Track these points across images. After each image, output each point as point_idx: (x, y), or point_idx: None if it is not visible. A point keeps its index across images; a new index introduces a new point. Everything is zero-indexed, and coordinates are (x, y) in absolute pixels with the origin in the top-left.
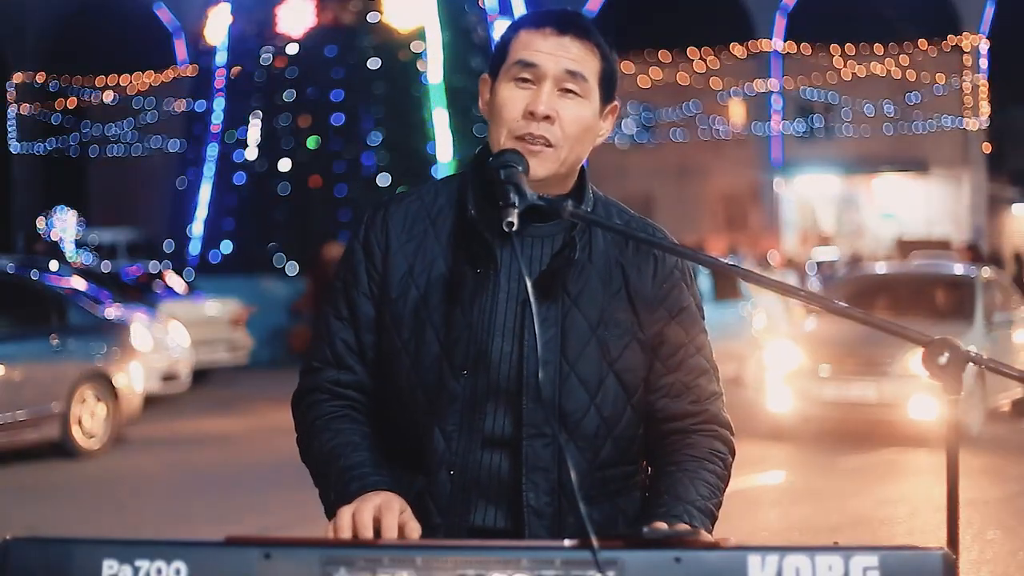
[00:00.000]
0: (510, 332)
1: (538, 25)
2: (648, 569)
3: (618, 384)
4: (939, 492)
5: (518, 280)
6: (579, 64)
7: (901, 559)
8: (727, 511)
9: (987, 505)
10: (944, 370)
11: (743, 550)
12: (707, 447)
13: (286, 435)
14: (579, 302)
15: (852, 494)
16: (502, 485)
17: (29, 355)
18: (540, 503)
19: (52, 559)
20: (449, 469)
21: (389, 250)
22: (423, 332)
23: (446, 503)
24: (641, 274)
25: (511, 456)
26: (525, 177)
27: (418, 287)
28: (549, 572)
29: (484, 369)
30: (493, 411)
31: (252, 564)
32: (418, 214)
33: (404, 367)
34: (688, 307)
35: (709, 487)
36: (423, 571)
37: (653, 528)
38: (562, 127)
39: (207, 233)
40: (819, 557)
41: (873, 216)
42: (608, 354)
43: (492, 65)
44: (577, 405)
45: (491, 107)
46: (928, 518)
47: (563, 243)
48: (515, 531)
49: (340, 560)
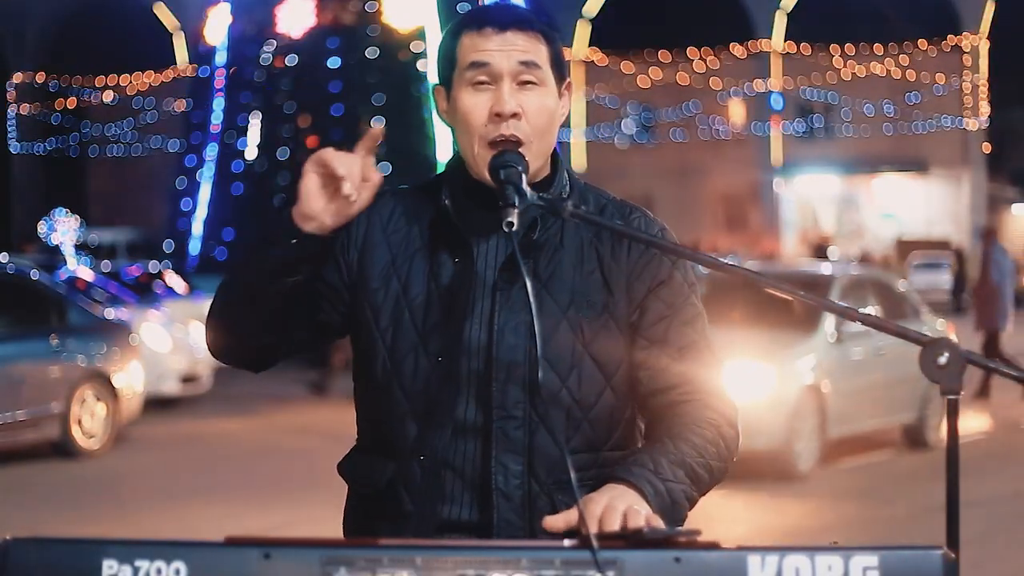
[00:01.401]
0: (483, 318)
1: (478, 27)
2: (648, 569)
3: (594, 365)
4: (939, 492)
5: (494, 268)
6: (529, 54)
7: (901, 559)
8: (727, 511)
9: (987, 505)
10: (943, 370)
11: (743, 550)
12: (697, 414)
13: (286, 434)
14: (549, 285)
15: (852, 494)
16: (473, 470)
17: (29, 355)
18: (509, 487)
19: (52, 559)
20: (420, 455)
21: (372, 238)
22: (400, 320)
23: (418, 490)
24: (615, 251)
25: (482, 442)
26: (525, 177)
27: (399, 278)
28: (549, 572)
29: (457, 356)
30: (465, 397)
31: (252, 564)
32: (403, 210)
33: (380, 355)
34: (670, 280)
35: (691, 445)
36: (423, 571)
37: (654, 528)
38: (529, 120)
39: (207, 233)
40: (819, 557)
41: (873, 216)
42: (582, 336)
43: (442, 74)
44: (548, 388)
45: (453, 116)
46: (928, 518)
47: (527, 225)
48: (485, 519)
49: (340, 560)
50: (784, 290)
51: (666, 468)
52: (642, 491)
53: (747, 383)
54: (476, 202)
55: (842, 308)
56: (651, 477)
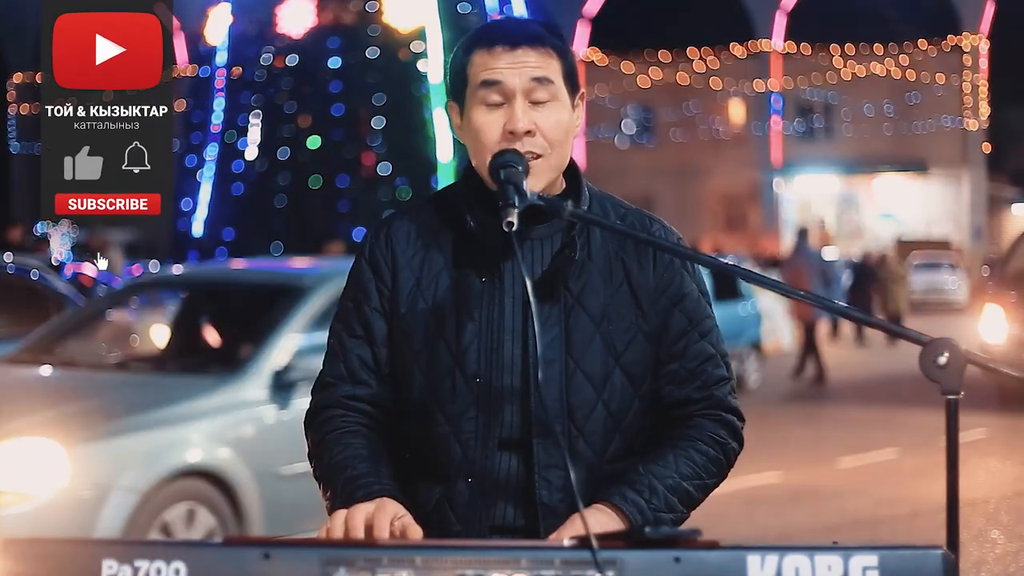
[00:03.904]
0: (518, 335)
1: (489, 45)
2: (648, 569)
3: (624, 378)
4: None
5: (522, 283)
6: (542, 70)
7: (901, 559)
8: (727, 511)
9: (987, 505)
10: (943, 370)
11: (743, 550)
12: (708, 430)
13: None
14: (582, 299)
15: (852, 494)
16: (517, 486)
17: None
18: (553, 500)
19: (52, 559)
20: (467, 477)
21: (396, 266)
22: (434, 344)
23: (465, 510)
24: (642, 266)
25: (524, 457)
26: (525, 177)
27: (426, 300)
28: (548, 572)
29: (496, 374)
30: (506, 414)
31: (251, 564)
32: (420, 229)
33: (416, 379)
34: (689, 293)
35: (693, 467)
36: (422, 571)
37: (654, 528)
38: (544, 136)
39: (207, 233)
40: (819, 557)
41: (873, 216)
42: (614, 349)
43: (454, 91)
44: (583, 401)
45: (466, 133)
46: (928, 518)
47: (562, 243)
48: (531, 528)
49: (340, 560)
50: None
51: (660, 498)
52: (629, 518)
53: None
54: (498, 218)
55: (842, 308)
56: (643, 507)
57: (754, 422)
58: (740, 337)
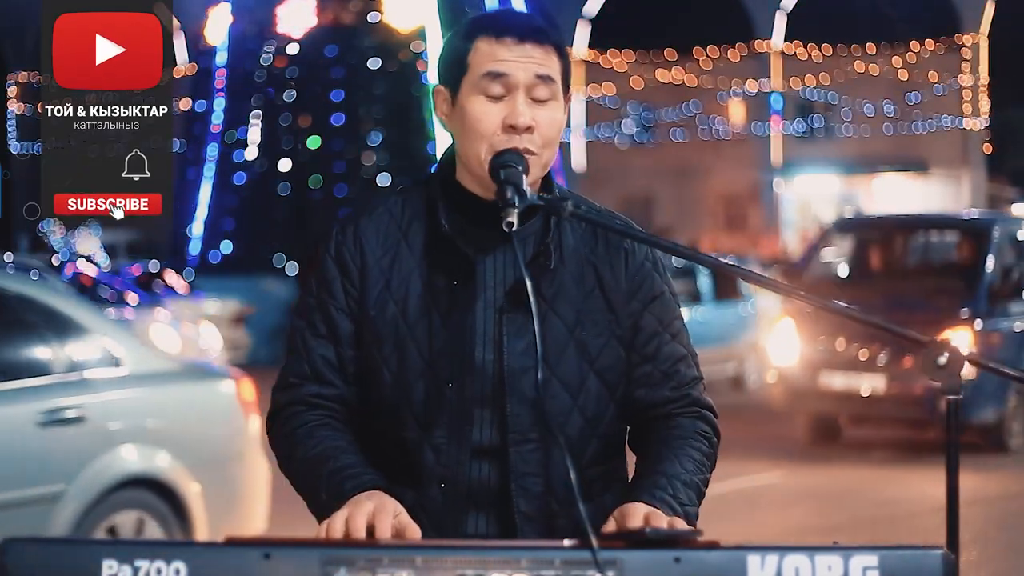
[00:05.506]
0: (490, 341)
1: (497, 34)
2: (648, 569)
3: (600, 383)
4: (939, 492)
5: (494, 288)
6: (546, 67)
7: (901, 559)
8: (727, 511)
9: (987, 505)
10: (943, 370)
11: (743, 550)
12: (692, 428)
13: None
14: (555, 305)
15: (852, 494)
16: (492, 493)
17: None
18: (531, 508)
19: (52, 559)
20: (440, 483)
21: (365, 266)
22: (404, 347)
23: (438, 516)
24: (614, 270)
25: (499, 464)
26: (525, 176)
27: (396, 302)
28: (549, 572)
29: (469, 379)
30: (479, 421)
31: (252, 564)
32: (389, 227)
33: (386, 381)
34: (661, 295)
35: (695, 463)
36: (423, 571)
37: (654, 528)
38: (541, 134)
39: (207, 233)
40: (819, 557)
41: None
42: (588, 354)
43: (449, 77)
44: (560, 408)
45: (457, 121)
46: (928, 518)
47: (536, 251)
48: (506, 537)
49: (340, 560)
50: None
51: (682, 492)
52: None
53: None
54: (471, 218)
55: (843, 308)
56: (672, 503)
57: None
58: (740, 337)
